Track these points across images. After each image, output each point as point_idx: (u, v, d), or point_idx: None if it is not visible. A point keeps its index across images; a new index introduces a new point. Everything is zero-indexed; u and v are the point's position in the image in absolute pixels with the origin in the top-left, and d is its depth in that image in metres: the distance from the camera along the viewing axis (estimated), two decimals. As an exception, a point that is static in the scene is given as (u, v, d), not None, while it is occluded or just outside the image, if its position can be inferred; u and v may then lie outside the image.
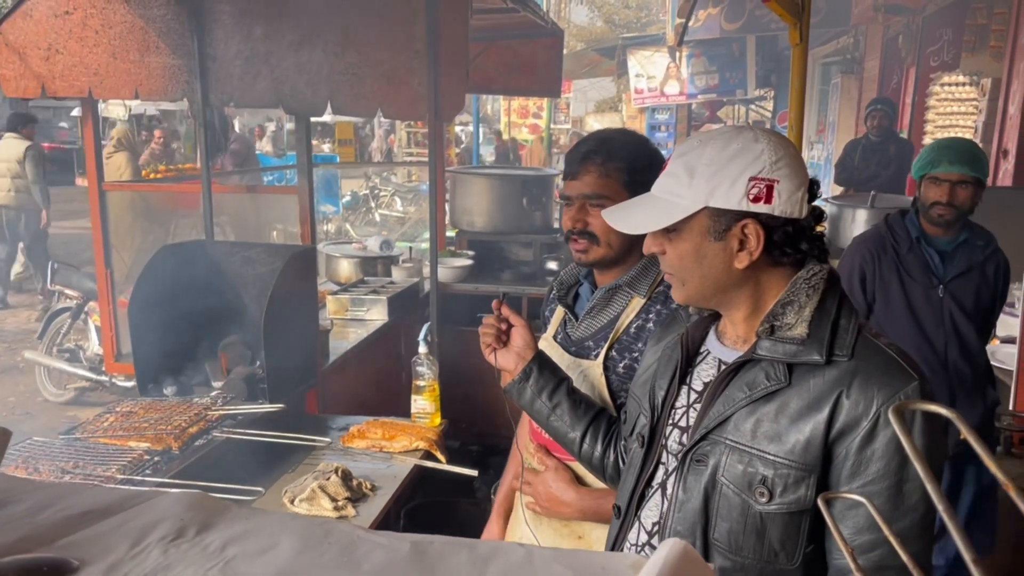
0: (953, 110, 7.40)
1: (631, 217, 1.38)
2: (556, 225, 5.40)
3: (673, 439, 1.40)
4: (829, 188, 7.11)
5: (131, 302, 2.70)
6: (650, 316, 1.79)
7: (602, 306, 1.85)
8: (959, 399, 2.81)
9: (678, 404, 1.42)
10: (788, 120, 2.75)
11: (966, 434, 0.84)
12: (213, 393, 2.73)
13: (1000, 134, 5.12)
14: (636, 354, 1.77)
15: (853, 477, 1.21)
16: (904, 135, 7.40)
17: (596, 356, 1.81)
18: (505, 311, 1.71)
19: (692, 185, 1.27)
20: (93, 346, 5.27)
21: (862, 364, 1.23)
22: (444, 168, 5.38)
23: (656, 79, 14.35)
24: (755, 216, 1.26)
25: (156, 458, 2.22)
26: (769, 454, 1.26)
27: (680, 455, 1.37)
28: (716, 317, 1.45)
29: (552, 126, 19.50)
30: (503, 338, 1.70)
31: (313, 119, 4.04)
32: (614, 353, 1.79)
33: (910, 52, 7.59)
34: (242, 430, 2.46)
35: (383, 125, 18.93)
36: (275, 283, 2.68)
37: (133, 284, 2.81)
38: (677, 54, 13.40)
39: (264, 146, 17.22)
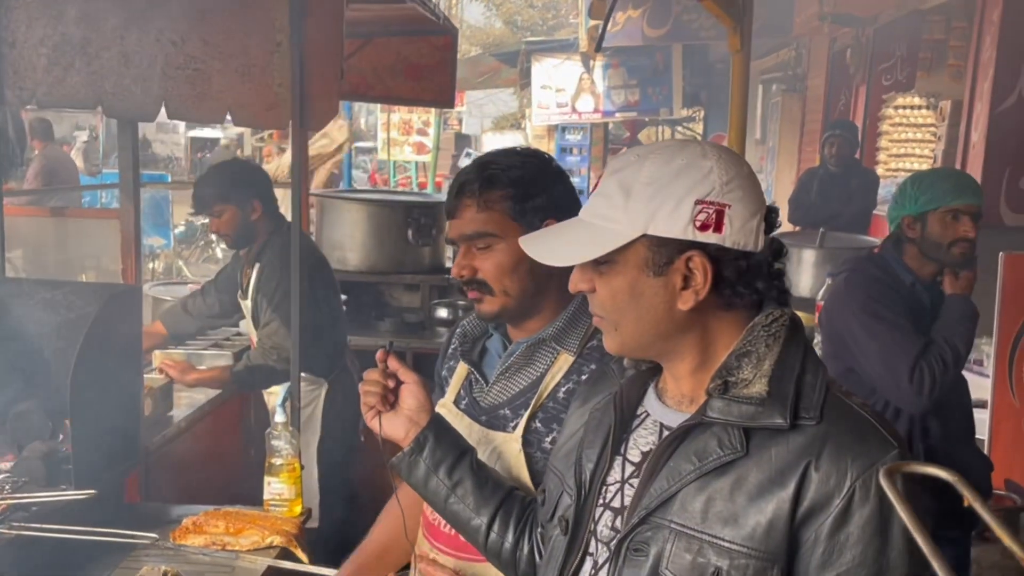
0: (908, 136, 7.85)
1: (552, 246, 1.38)
2: (449, 264, 5.40)
3: (604, 523, 1.38)
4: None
5: None
6: (583, 377, 1.76)
7: (521, 365, 1.83)
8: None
9: (610, 480, 1.39)
10: (728, 143, 2.85)
11: (972, 502, 0.85)
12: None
13: (962, 165, 5.44)
14: None
15: (824, 567, 1.20)
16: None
17: (514, 428, 1.78)
18: (393, 364, 1.67)
19: (628, 208, 1.27)
20: None
21: (832, 429, 1.23)
22: (308, 191, 5.30)
23: (566, 92, 14.66)
24: (702, 247, 1.26)
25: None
26: (724, 540, 1.23)
27: (614, 543, 1.34)
28: (656, 372, 1.44)
29: (437, 141, 19.64)
30: (390, 398, 1.66)
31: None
32: (537, 424, 1.77)
33: (860, 69, 8.04)
34: (38, 524, 2.33)
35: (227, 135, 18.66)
36: (87, 333, 2.57)
37: None
38: (592, 63, 13.74)
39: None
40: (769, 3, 8.80)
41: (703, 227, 1.25)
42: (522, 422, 1.76)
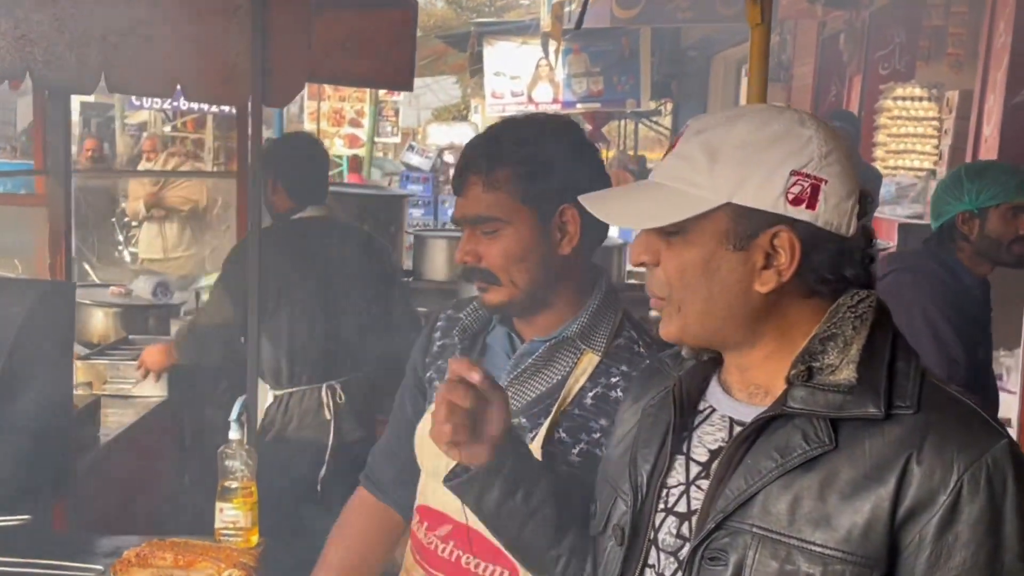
0: (909, 130, 7.95)
1: (620, 207, 1.37)
2: (409, 265, 5.41)
3: (667, 530, 1.36)
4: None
5: None
6: (613, 380, 1.76)
7: (539, 367, 1.81)
8: None
9: (671, 482, 1.38)
10: None
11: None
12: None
13: (973, 160, 5.52)
14: (597, 434, 1.73)
15: (931, 572, 1.18)
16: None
17: (533, 439, 1.74)
18: (482, 381, 1.44)
19: (713, 172, 1.25)
20: None
21: (933, 418, 1.22)
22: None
23: (522, 80, 14.67)
24: (791, 223, 1.24)
25: None
26: (816, 545, 1.21)
27: (684, 551, 1.32)
28: (718, 363, 1.43)
29: (376, 138, 19.55)
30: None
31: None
32: (562, 434, 1.74)
33: (854, 56, 8.16)
34: (-38, 555, 2.28)
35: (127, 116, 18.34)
36: (15, 339, 2.52)
37: None
38: (555, 47, 13.58)
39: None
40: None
41: (795, 201, 1.24)
42: (542, 432, 1.74)
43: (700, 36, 13.07)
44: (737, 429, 1.33)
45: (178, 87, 2.86)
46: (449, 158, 16.52)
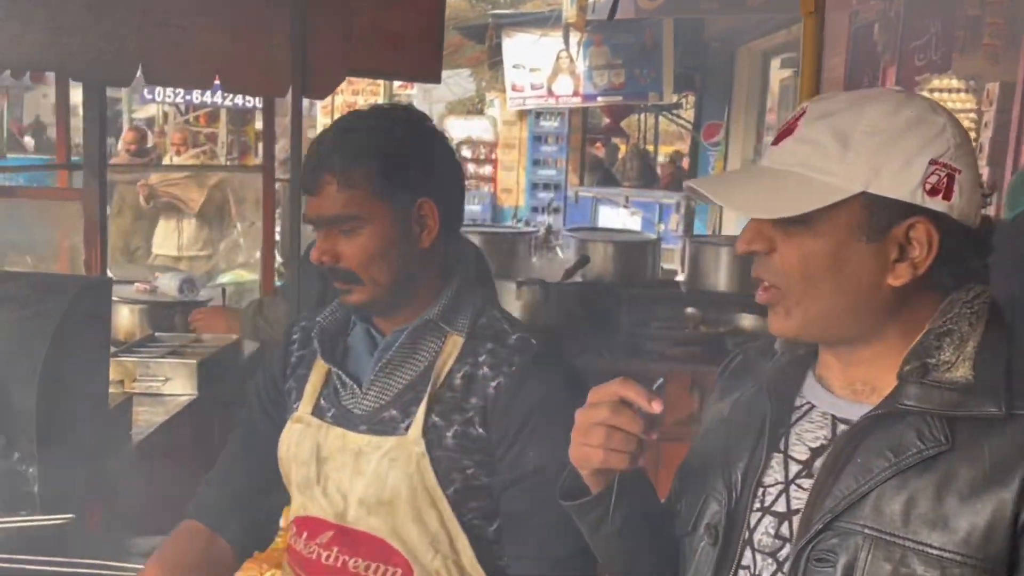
0: (945, 124, 7.93)
1: (744, 195, 1.34)
2: None
3: (764, 531, 1.35)
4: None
5: None
6: (481, 359, 1.80)
7: (404, 356, 1.83)
8: None
9: (768, 481, 1.37)
10: (730, 132, 2.86)
11: None
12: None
13: (1016, 157, 5.51)
14: (470, 414, 1.76)
15: None
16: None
17: (407, 429, 1.77)
18: (662, 412, 1.32)
19: (846, 159, 1.24)
20: None
21: None
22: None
23: (542, 72, 14.69)
24: (929, 214, 1.23)
25: None
26: (933, 547, 1.20)
27: (784, 552, 1.31)
28: (812, 358, 1.42)
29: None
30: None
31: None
32: (435, 419, 1.76)
33: (889, 47, 8.13)
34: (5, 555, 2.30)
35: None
36: (54, 334, 2.54)
37: None
38: (570, 40, 13.64)
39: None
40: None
41: (933, 191, 1.22)
42: (419, 418, 1.75)
43: (725, 27, 13.03)
44: (841, 427, 1.32)
45: (216, 79, 2.88)
46: (467, 152, 16.58)
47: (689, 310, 4.94)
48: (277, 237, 5.29)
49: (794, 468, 1.35)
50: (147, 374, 3.87)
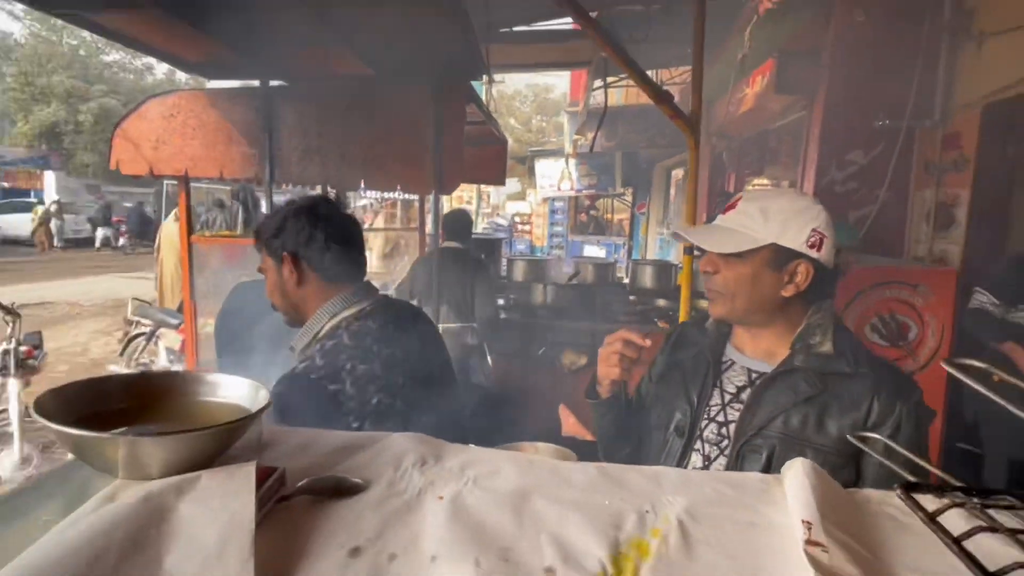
0: (760, 202, 7.88)
1: (711, 240, 1.21)
2: (503, 271, 5.41)
3: (710, 431, 1.23)
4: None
5: (218, 320, 2.61)
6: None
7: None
8: None
9: (712, 403, 1.24)
10: (650, 210, 2.90)
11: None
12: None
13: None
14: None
15: (881, 464, 1.05)
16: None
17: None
18: (651, 347, 1.24)
19: (766, 224, 1.15)
20: (162, 360, 4.97)
21: (883, 375, 1.14)
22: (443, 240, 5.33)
23: (553, 179, 14.72)
24: (809, 259, 1.15)
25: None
26: (819, 444, 1.12)
27: (724, 444, 1.20)
28: (728, 333, 1.29)
29: (478, 208, 19.69)
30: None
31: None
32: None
33: (731, 164, 8.08)
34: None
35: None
36: None
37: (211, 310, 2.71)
38: (568, 162, 13.80)
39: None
40: (675, 131, 8.75)
41: (812, 246, 1.15)
42: None
43: (648, 154, 12.93)
44: (754, 375, 1.22)
45: (398, 186, 2.95)
46: (517, 219, 16.58)
47: (631, 298, 4.84)
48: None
49: (727, 397, 1.25)
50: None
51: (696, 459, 1.24)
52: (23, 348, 3.34)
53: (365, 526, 0.68)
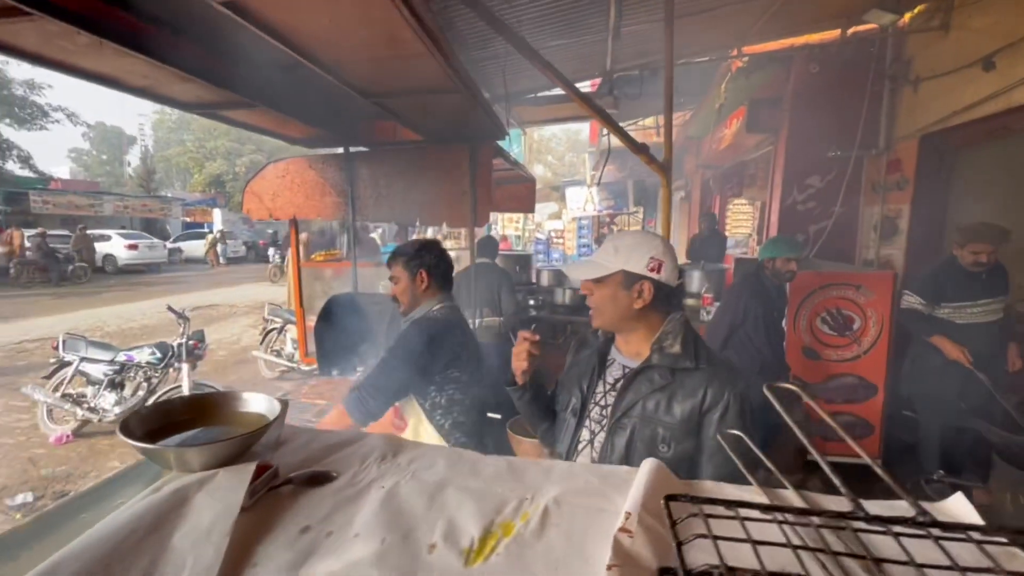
0: (740, 219, 7.63)
1: (578, 272, 1.22)
2: (534, 279, 5.29)
3: (594, 413, 1.22)
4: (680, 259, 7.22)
5: (316, 323, 2.74)
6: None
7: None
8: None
9: (597, 391, 1.24)
10: (660, 228, 2.85)
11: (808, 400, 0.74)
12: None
13: (765, 233, 5.30)
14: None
15: (712, 438, 1.11)
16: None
17: None
18: (538, 343, 1.25)
19: (616, 257, 1.17)
20: (288, 348, 5.23)
21: (715, 370, 1.13)
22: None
23: (580, 202, 14.60)
24: (650, 280, 1.15)
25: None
26: (667, 423, 1.12)
27: (606, 424, 1.18)
28: (613, 339, 1.27)
29: (525, 227, 19.67)
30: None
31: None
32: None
33: (716, 188, 7.83)
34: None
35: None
36: (387, 322, 2.43)
37: (315, 313, 2.72)
38: (590, 189, 13.67)
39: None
40: (675, 161, 8.52)
41: (652, 270, 1.15)
42: None
43: (653, 181, 12.64)
44: (626, 370, 1.21)
45: (444, 221, 2.97)
46: (553, 234, 16.48)
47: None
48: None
49: (607, 386, 1.23)
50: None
51: (585, 434, 1.21)
52: (191, 342, 3.62)
53: (320, 510, 0.67)
